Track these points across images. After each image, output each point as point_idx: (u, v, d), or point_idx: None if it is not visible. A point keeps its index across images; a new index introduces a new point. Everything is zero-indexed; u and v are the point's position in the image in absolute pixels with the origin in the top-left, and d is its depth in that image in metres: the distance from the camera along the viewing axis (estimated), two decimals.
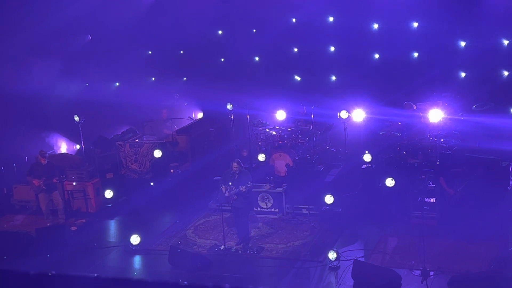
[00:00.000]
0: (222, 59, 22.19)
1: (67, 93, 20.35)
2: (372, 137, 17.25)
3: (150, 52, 22.77)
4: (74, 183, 16.00)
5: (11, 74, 18.58)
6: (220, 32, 22.21)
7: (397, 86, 18.70)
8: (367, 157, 16.05)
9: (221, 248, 13.38)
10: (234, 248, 13.42)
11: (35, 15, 18.98)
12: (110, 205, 16.21)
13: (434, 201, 14.15)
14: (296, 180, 15.53)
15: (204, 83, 20.90)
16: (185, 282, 3.78)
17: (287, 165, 16.12)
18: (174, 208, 15.95)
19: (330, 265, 12.38)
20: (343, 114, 16.91)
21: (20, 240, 13.85)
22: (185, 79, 22.58)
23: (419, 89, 18.21)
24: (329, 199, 14.70)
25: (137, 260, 13.48)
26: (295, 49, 21.34)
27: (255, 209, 15.24)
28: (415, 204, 14.20)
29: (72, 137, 19.89)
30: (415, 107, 16.98)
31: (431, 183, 14.64)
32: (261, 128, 17.85)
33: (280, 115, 17.58)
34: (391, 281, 11.21)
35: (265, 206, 15.34)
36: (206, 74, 21.57)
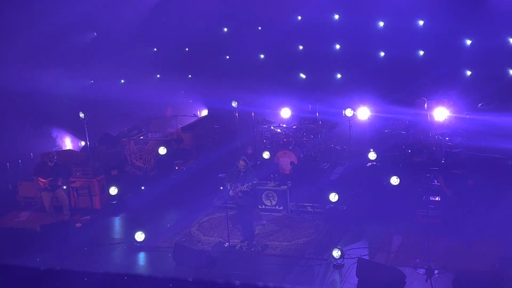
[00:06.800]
0: (227, 57, 22.20)
1: (72, 90, 20.38)
2: (377, 135, 17.22)
3: (155, 49, 22.80)
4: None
5: (17, 71, 18.60)
6: (225, 29, 22.20)
7: (402, 84, 18.68)
8: (372, 155, 16.03)
9: (226, 246, 13.39)
10: (239, 245, 13.43)
11: (41, 12, 18.99)
12: (115, 202, 16.24)
13: (439, 199, 14.13)
14: (301, 178, 15.53)
15: (209, 80, 20.94)
16: (190, 279, 3.79)
17: (291, 163, 16.11)
18: (179, 205, 15.97)
19: (335, 263, 12.37)
20: (348, 112, 16.89)
21: (25, 236, 13.86)
22: (190, 76, 22.59)
23: (424, 87, 18.19)
24: (333, 197, 14.69)
25: (141, 257, 13.50)
26: (300, 47, 21.34)
27: (260, 206, 15.24)
28: (420, 202, 14.18)
29: (77, 134, 19.94)
30: (426, 106, 16.92)
31: (436, 182, 14.62)
32: (266, 126, 17.85)
33: (285, 112, 17.56)
34: (396, 279, 11.20)
35: (269, 204, 15.34)
36: (211, 71, 21.60)
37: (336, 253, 12.33)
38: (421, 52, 19.68)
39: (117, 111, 20.70)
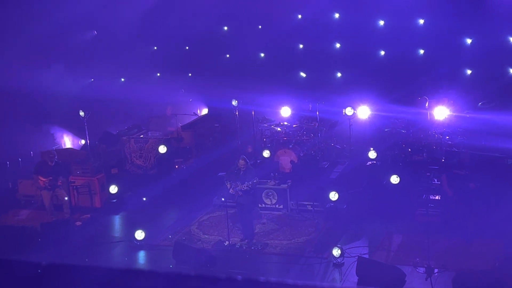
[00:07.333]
0: (228, 55, 22.19)
1: (72, 89, 20.38)
2: (377, 134, 17.23)
3: (155, 48, 22.78)
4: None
5: (17, 70, 18.60)
6: (225, 28, 22.19)
7: (402, 83, 18.66)
8: (372, 154, 16.04)
9: (226, 244, 13.39)
10: (239, 244, 13.43)
11: (41, 10, 18.98)
12: (115, 200, 16.23)
13: (439, 198, 14.12)
14: (301, 177, 15.53)
15: (209, 79, 20.93)
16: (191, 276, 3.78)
17: (292, 162, 16.11)
18: (179, 203, 15.98)
19: (334, 261, 12.38)
20: (348, 111, 16.88)
21: (25, 235, 13.85)
22: (190, 75, 22.57)
23: (424, 86, 18.17)
24: (333, 195, 14.69)
25: (141, 256, 13.50)
26: (301, 46, 21.32)
27: (260, 205, 15.24)
28: (420, 201, 14.18)
29: (77, 132, 19.93)
30: (427, 105, 16.92)
31: (436, 180, 14.62)
32: (266, 125, 17.84)
33: (285, 111, 17.55)
34: (395, 278, 11.19)
35: (269, 203, 15.34)
36: (211, 70, 21.59)
37: (336, 251, 12.33)
38: (421, 51, 19.67)
39: (117, 110, 20.69)
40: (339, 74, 20.84)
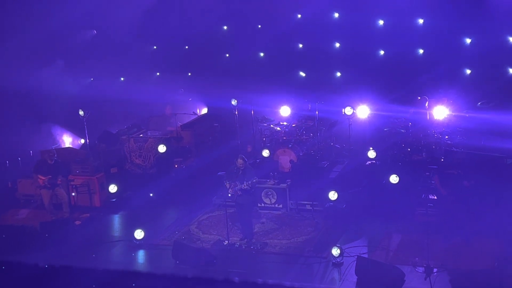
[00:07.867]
0: (227, 55, 22.19)
1: (72, 88, 20.38)
2: (376, 134, 17.24)
3: (155, 47, 22.79)
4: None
5: (16, 69, 18.61)
6: (225, 27, 22.19)
7: (402, 82, 18.68)
8: (372, 154, 16.06)
9: (225, 244, 13.41)
10: (238, 243, 13.45)
11: (41, 10, 18.99)
12: (114, 200, 16.25)
13: (436, 198, 14.12)
14: (300, 176, 15.53)
15: (209, 78, 20.94)
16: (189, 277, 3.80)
17: (291, 161, 16.12)
18: (178, 203, 15.99)
19: (334, 261, 12.39)
20: (348, 111, 16.90)
21: (24, 234, 13.86)
22: (190, 74, 22.58)
23: (424, 86, 18.18)
24: (333, 195, 14.70)
25: (141, 255, 13.51)
26: (300, 45, 21.32)
27: (259, 204, 15.25)
28: (419, 201, 14.18)
29: (76, 132, 19.94)
30: (427, 104, 16.92)
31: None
32: (265, 124, 17.86)
33: (285, 111, 17.57)
34: (395, 277, 11.20)
35: (269, 202, 15.35)
36: (211, 69, 21.60)
37: (335, 251, 12.34)
38: (421, 51, 19.68)
39: (117, 109, 20.69)
40: (338, 74, 20.85)
